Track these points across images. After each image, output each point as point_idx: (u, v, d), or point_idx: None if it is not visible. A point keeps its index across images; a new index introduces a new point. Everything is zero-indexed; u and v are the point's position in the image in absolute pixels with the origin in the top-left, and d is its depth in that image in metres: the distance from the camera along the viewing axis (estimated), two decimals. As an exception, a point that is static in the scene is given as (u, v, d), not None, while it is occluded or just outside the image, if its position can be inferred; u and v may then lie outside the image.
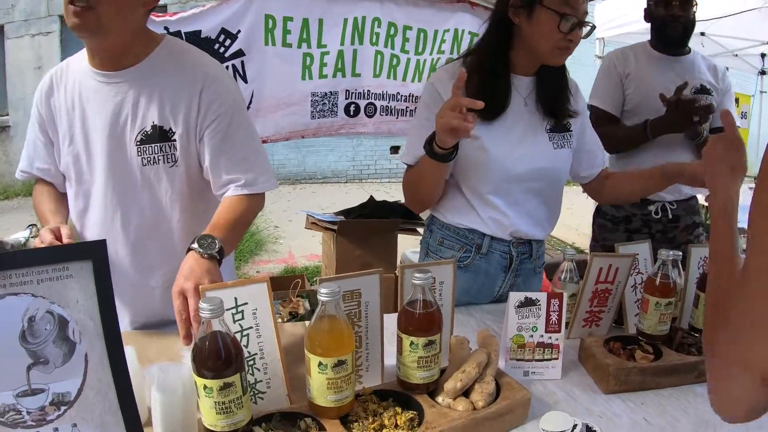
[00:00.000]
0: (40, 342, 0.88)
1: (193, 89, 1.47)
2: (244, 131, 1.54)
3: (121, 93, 1.45)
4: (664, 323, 1.40)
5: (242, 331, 1.08)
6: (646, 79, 2.41)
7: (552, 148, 1.70)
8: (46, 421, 0.88)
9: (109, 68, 1.44)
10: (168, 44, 1.52)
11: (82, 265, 0.91)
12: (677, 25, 2.37)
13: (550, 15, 1.51)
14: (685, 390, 1.34)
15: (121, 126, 1.46)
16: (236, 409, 0.94)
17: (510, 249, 1.76)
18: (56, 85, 1.51)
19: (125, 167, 1.49)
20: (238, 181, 1.50)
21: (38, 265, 0.89)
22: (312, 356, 1.00)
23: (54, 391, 0.89)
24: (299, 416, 1.05)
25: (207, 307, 0.90)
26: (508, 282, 1.81)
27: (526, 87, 1.69)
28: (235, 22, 3.02)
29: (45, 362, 0.88)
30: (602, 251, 1.91)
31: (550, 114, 1.69)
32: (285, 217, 7.68)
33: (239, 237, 1.49)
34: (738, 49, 6.19)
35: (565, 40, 1.54)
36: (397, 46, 3.57)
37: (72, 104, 1.49)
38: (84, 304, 0.91)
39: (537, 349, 1.34)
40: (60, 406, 0.89)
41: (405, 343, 1.10)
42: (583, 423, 1.17)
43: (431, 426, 1.03)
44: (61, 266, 0.90)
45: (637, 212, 2.47)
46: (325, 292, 0.97)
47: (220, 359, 0.91)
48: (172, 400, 1.02)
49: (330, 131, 3.70)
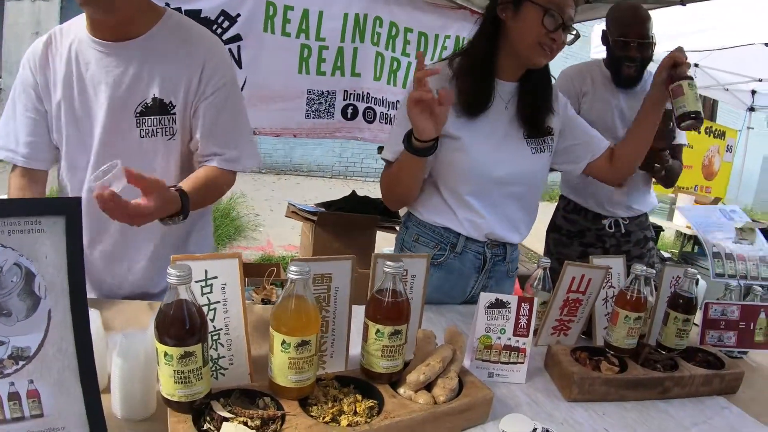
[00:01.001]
0: (4, 293, 0.87)
1: (195, 64, 1.48)
2: (237, 108, 1.59)
3: (122, 64, 1.44)
4: (632, 337, 1.41)
5: (209, 305, 1.07)
6: (597, 104, 2.42)
7: (530, 153, 1.73)
8: (3, 374, 0.87)
9: (110, 39, 1.44)
10: (171, 18, 1.52)
11: (55, 220, 0.90)
12: (631, 68, 2.35)
13: (536, 10, 1.55)
14: (647, 405, 1.36)
15: (121, 97, 1.46)
16: (195, 380, 0.93)
17: (484, 250, 1.78)
18: (51, 52, 1.49)
19: (123, 139, 1.49)
20: (222, 155, 1.55)
21: (10, 216, 0.88)
22: (276, 334, 0.99)
23: (14, 344, 0.87)
24: (259, 395, 1.05)
25: (175, 273, 0.89)
26: (480, 283, 1.84)
27: (509, 92, 1.72)
28: (235, 5, 3.01)
29: (8, 314, 0.87)
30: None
31: (527, 121, 1.72)
32: (267, 206, 7.69)
33: (205, 203, 1.57)
34: (729, 83, 6.27)
35: (547, 37, 1.57)
36: (398, 49, 3.56)
37: (69, 72, 1.46)
38: (53, 259, 0.90)
39: (503, 351, 1.35)
40: (18, 360, 0.88)
41: (371, 331, 1.10)
42: (543, 427, 1.17)
43: (390, 415, 1.03)
44: (33, 219, 0.89)
45: (592, 227, 2.53)
46: (294, 269, 0.97)
47: (183, 327, 0.90)
48: (133, 367, 1.01)
49: (325, 133, 3.64)
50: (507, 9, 1.61)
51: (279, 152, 11.35)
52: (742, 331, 1.65)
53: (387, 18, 3.44)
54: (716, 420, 1.33)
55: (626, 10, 2.40)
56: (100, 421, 0.92)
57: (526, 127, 1.73)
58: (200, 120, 1.52)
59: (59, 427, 0.90)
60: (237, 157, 1.58)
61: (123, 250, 1.60)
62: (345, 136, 3.74)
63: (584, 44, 12.16)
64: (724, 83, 6.26)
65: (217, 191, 1.58)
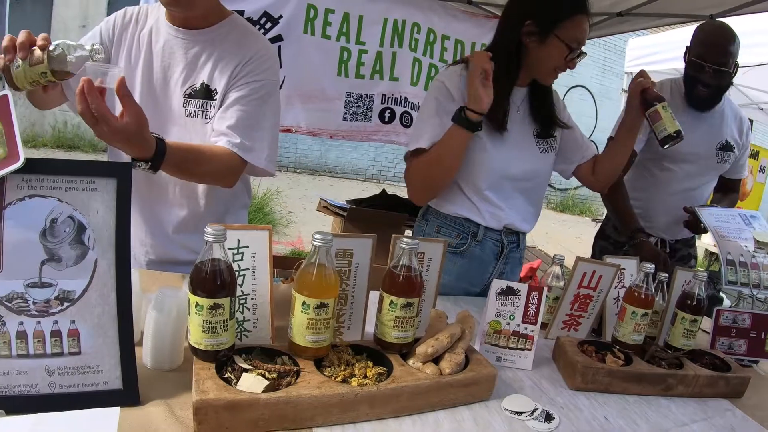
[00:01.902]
0: (57, 242, 0.98)
1: (244, 57, 1.60)
2: (266, 110, 1.62)
3: (185, 47, 1.60)
4: (638, 333, 1.46)
5: (239, 271, 1.17)
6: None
7: (539, 151, 1.91)
8: (49, 313, 0.98)
9: (182, 26, 1.59)
10: (235, 19, 1.67)
11: (107, 181, 1.02)
12: (703, 91, 2.27)
13: (562, 46, 1.73)
14: (650, 400, 1.39)
15: (176, 76, 1.61)
16: (221, 331, 1.03)
17: (502, 238, 1.95)
18: (134, 23, 1.64)
19: (168, 113, 1.62)
20: (234, 138, 1.55)
21: (68, 174, 0.99)
22: (298, 295, 1.09)
23: (61, 287, 0.98)
24: (278, 353, 1.14)
25: (211, 232, 1.00)
26: (498, 269, 1.99)
27: (520, 97, 1.90)
28: (278, 7, 3.14)
29: (58, 260, 0.98)
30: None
31: (539, 121, 1.91)
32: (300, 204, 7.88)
33: (191, 171, 1.51)
34: (763, 102, 6.17)
35: (564, 65, 1.77)
36: (436, 55, 3.63)
37: (140, 45, 1.62)
38: (103, 215, 1.01)
39: (512, 337, 1.41)
40: (63, 301, 0.98)
41: (385, 302, 1.18)
42: (543, 409, 1.24)
43: (397, 380, 1.11)
44: (88, 179, 1.01)
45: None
46: (318, 237, 1.07)
47: (214, 282, 1.00)
48: (166, 321, 1.11)
49: (362, 136, 3.72)
50: (532, 38, 1.76)
51: (314, 153, 11.57)
52: (753, 339, 1.67)
53: (425, 25, 3.52)
54: (716, 420, 1.36)
55: (710, 31, 2.29)
56: (131, 365, 1.02)
57: (536, 126, 1.90)
58: (226, 102, 1.59)
59: (94, 365, 1.00)
60: (249, 147, 1.56)
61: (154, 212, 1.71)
62: (381, 139, 3.82)
63: (619, 57, 11.97)
64: (759, 102, 6.16)
65: (210, 165, 1.52)
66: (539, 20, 1.73)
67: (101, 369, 1.00)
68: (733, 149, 2.44)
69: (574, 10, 1.72)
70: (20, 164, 0.94)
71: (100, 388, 1.00)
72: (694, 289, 1.52)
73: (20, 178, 0.96)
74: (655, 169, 2.44)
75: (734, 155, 2.44)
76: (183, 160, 1.44)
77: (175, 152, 1.39)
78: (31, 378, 0.97)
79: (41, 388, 0.97)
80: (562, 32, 1.71)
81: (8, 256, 0.95)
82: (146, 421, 0.96)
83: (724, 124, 2.43)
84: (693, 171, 2.41)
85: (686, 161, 2.37)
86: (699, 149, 2.36)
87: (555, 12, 1.73)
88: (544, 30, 1.73)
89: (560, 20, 1.71)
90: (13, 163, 0.95)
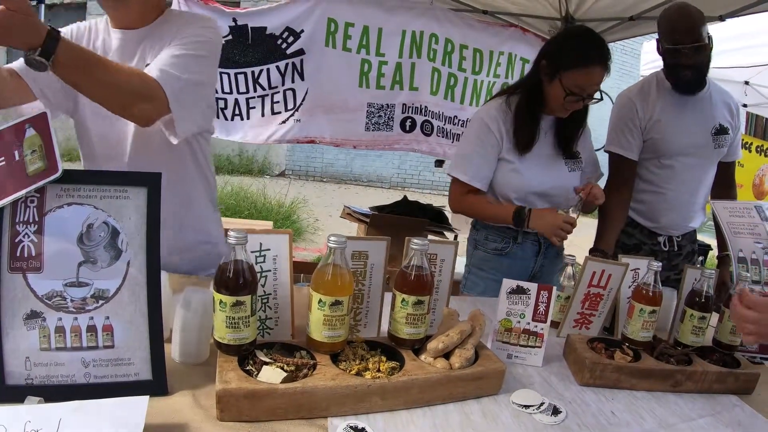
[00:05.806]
0: (93, 245, 1.08)
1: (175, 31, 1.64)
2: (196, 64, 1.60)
3: (132, 48, 1.67)
4: (646, 330, 1.50)
5: (261, 272, 1.25)
6: (665, 120, 2.37)
7: (567, 171, 2.15)
8: (85, 310, 1.07)
9: (125, 28, 1.67)
10: (172, 11, 1.75)
11: (139, 190, 1.11)
12: (687, 74, 2.26)
13: (561, 89, 1.94)
14: (658, 395, 1.43)
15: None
16: (243, 327, 1.11)
17: (538, 237, 2.20)
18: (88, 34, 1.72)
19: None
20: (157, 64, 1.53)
21: (103, 184, 1.09)
22: (314, 294, 1.16)
23: (97, 286, 1.08)
24: (296, 348, 1.21)
25: (234, 235, 1.08)
26: (539, 263, 2.25)
27: (548, 123, 2.12)
28: (300, 21, 3.25)
29: (94, 262, 1.07)
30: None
31: (563, 146, 2.13)
32: (326, 212, 8.05)
33: (86, 74, 1.37)
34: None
35: (570, 105, 1.98)
36: (455, 65, 3.70)
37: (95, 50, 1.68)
38: (135, 221, 1.10)
39: (522, 335, 1.47)
40: (99, 299, 1.08)
41: (398, 300, 1.25)
42: (551, 403, 1.29)
43: (408, 373, 1.17)
44: (121, 188, 1.10)
45: (647, 241, 2.54)
46: (333, 239, 1.15)
47: (237, 281, 1.09)
48: (194, 318, 1.19)
49: (384, 145, 3.81)
50: (545, 74, 2.00)
51: (340, 162, 11.75)
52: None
53: (442, 35, 3.60)
54: (724, 415, 1.38)
55: (673, 14, 2.29)
56: (160, 358, 1.11)
57: (562, 151, 2.13)
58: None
59: (126, 358, 1.09)
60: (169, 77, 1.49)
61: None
62: (403, 148, 3.90)
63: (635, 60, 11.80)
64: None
65: (119, 75, 1.41)
66: (548, 62, 1.98)
67: (132, 361, 1.09)
68: (728, 131, 2.43)
69: (583, 61, 1.90)
70: (59, 175, 1.04)
71: (131, 378, 1.09)
72: (703, 287, 1.55)
73: (59, 187, 1.06)
74: (654, 167, 2.45)
75: (729, 137, 2.43)
76: (82, 58, 1.34)
77: (74, 46, 1.31)
78: (68, 369, 1.06)
79: (77, 378, 1.06)
80: (565, 77, 1.92)
81: (48, 258, 1.05)
82: (173, 409, 1.05)
83: (713, 108, 2.41)
84: (692, 163, 2.39)
85: (683, 153, 2.36)
86: (695, 138, 2.36)
87: (562, 58, 1.94)
88: (551, 71, 1.96)
89: (565, 68, 1.92)
90: (52, 174, 1.04)
